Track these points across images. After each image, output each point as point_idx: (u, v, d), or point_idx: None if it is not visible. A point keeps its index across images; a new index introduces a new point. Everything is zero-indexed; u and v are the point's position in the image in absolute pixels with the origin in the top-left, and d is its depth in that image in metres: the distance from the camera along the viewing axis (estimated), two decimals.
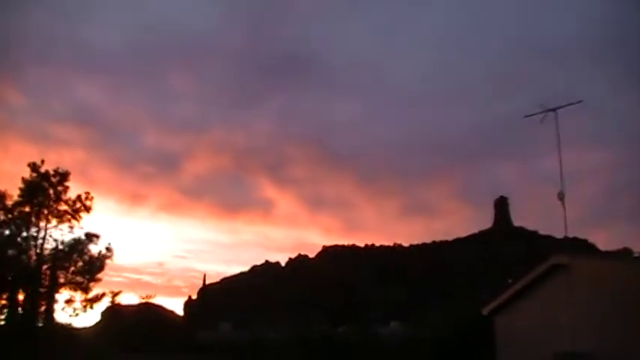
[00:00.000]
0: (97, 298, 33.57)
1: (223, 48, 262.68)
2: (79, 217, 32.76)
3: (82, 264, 32.39)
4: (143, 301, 76.65)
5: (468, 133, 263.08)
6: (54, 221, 32.23)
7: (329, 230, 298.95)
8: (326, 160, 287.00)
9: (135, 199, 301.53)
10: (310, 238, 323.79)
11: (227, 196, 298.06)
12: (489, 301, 25.33)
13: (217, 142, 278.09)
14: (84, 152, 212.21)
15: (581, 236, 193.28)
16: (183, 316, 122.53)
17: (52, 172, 32.98)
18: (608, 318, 18.47)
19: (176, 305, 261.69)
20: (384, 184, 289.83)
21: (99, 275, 33.07)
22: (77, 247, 32.32)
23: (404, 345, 39.15)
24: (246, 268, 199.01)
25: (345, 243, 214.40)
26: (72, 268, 32.24)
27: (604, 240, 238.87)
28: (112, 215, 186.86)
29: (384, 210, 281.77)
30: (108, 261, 33.32)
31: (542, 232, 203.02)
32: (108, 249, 32.95)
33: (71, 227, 32.59)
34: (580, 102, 20.88)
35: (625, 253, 56.30)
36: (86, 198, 33.02)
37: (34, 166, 33.98)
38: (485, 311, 25.12)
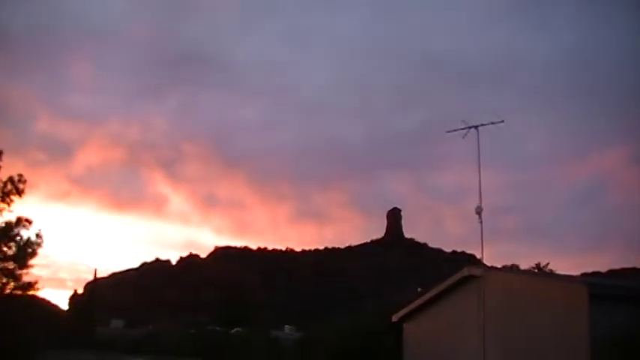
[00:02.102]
0: (30, 286, 31.98)
1: (125, 39, 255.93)
2: (10, 200, 30.90)
3: (14, 250, 30.65)
4: (29, 293, 73.56)
5: (365, 143, 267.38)
6: None
7: (221, 230, 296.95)
8: (222, 160, 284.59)
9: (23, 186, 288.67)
10: (202, 237, 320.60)
11: (120, 189, 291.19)
12: (397, 308, 26.08)
13: (113, 134, 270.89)
14: None
15: (468, 251, 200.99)
16: (67, 311, 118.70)
17: None
18: (515, 328, 19.35)
19: (60, 299, 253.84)
20: (278, 188, 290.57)
21: (31, 262, 31.38)
22: (8, 231, 30.52)
23: (306, 347, 39.44)
24: (135, 264, 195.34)
25: (237, 244, 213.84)
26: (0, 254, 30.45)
27: (490, 256, 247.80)
28: None
29: (277, 214, 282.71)
30: (39, 249, 31.61)
31: (431, 244, 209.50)
32: (38, 235, 31.25)
33: (0, 211, 30.73)
34: (502, 121, 21.68)
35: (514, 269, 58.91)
36: (19, 180, 31.16)
37: None
38: (394, 318, 25.82)
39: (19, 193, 31.09)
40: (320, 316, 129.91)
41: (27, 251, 30.82)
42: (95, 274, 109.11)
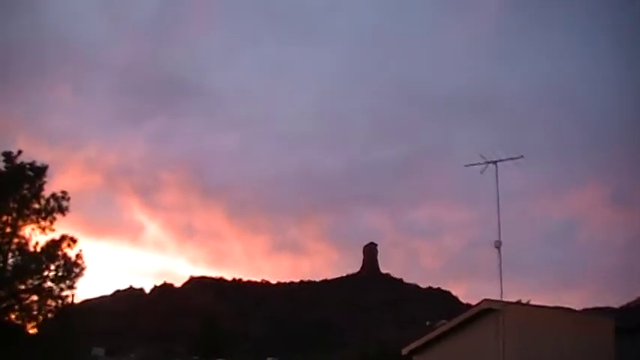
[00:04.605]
0: (68, 305, 31.41)
1: (105, 64, 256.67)
2: (53, 218, 30.28)
3: (58, 270, 29.98)
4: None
5: (342, 176, 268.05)
6: (19, 221, 29.55)
7: (196, 260, 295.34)
8: (198, 189, 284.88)
9: None
10: (177, 266, 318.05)
11: (95, 215, 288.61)
12: (409, 341, 26.01)
13: (89, 159, 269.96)
14: None
15: (444, 287, 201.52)
16: (38, 337, 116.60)
17: (27, 166, 30.05)
18: None
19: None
20: (254, 219, 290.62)
21: (76, 283, 30.63)
22: (52, 250, 29.90)
23: None
24: (109, 292, 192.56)
25: (213, 275, 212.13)
26: (45, 274, 29.75)
27: (468, 294, 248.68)
28: None
29: (253, 245, 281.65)
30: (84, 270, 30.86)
31: (406, 280, 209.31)
32: (78, 256, 30.67)
33: (43, 229, 30.07)
34: (521, 157, 21.96)
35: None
36: (62, 197, 30.58)
37: (8, 157, 30.71)
38: (404, 351, 25.77)
39: (62, 211, 30.39)
40: (295, 348, 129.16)
41: (73, 271, 30.16)
42: (72, 299, 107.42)
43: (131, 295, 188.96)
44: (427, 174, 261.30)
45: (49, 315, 30.52)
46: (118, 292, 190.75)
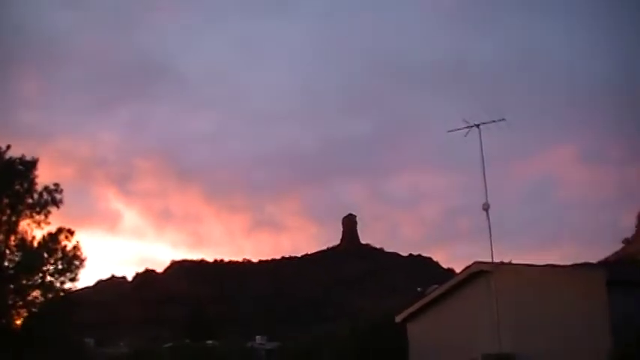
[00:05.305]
0: (71, 302, 31.10)
1: (73, 53, 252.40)
2: (48, 212, 29.82)
3: (57, 263, 29.54)
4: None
5: (317, 150, 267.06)
6: (13, 217, 29.06)
7: (177, 244, 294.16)
8: (174, 173, 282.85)
9: None
10: (158, 252, 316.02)
11: (71, 206, 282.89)
12: (402, 309, 26.31)
13: (62, 151, 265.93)
14: None
15: (424, 254, 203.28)
16: (23, 330, 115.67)
17: (17, 160, 29.39)
18: (532, 320, 19.75)
19: None
20: (231, 199, 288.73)
21: (78, 275, 30.23)
22: (51, 244, 29.45)
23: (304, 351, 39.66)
24: (91, 283, 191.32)
25: (194, 257, 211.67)
26: (45, 268, 29.33)
27: (445, 259, 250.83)
28: None
29: (232, 225, 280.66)
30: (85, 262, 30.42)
31: (387, 249, 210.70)
32: (76, 247, 30.23)
33: (38, 223, 29.63)
34: (503, 120, 22.09)
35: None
36: (55, 190, 30.09)
37: None
38: (398, 318, 26.07)
39: (57, 204, 29.98)
40: (282, 325, 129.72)
41: (74, 263, 29.78)
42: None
43: (114, 284, 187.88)
44: (403, 144, 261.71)
45: (51, 309, 30.13)
46: (100, 282, 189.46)
